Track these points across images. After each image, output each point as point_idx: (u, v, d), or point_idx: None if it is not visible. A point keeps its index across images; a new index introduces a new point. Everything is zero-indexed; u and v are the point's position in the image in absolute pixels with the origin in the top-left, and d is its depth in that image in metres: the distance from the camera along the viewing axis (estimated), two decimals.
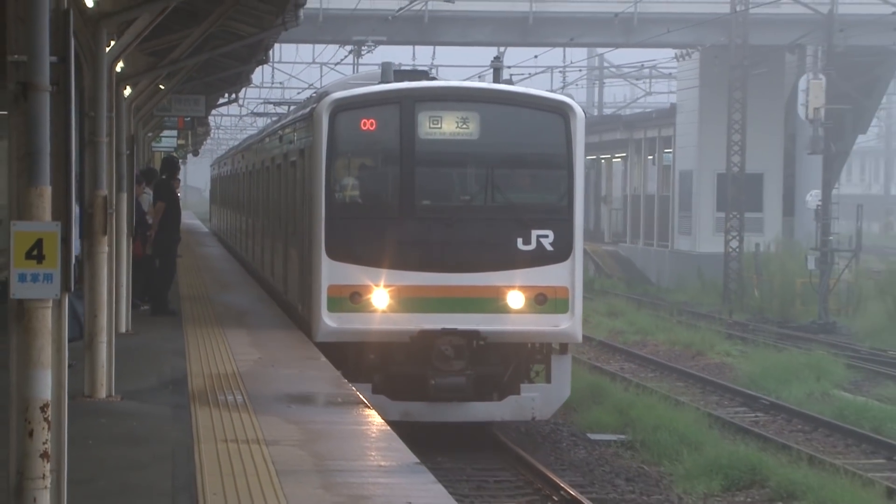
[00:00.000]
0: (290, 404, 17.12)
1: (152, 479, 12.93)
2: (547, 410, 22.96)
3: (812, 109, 50.09)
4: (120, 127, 21.54)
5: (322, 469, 13.36)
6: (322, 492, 12.41)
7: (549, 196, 23.35)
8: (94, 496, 11.55)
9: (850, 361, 36.33)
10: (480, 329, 21.97)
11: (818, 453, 24.16)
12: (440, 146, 22.68)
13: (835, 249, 47.32)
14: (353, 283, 22.13)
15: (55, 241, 9.28)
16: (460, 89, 23.63)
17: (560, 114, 22.61)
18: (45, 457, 9.29)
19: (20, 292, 9.31)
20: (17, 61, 9.40)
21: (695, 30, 51.68)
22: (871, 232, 72.54)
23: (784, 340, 40.93)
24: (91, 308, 17.42)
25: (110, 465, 13.33)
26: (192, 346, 22.44)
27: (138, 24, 18.43)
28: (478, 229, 22.53)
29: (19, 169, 9.44)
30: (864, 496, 20.12)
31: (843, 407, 29.10)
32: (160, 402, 17.16)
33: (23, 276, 9.27)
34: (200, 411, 16.37)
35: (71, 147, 9.69)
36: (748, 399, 30.85)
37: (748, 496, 21.28)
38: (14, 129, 9.51)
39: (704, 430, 23.58)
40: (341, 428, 15.68)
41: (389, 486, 12.75)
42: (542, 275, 22.37)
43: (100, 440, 14.43)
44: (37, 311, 9.35)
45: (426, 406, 21.92)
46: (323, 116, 22.19)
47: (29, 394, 9.29)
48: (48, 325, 9.39)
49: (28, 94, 9.31)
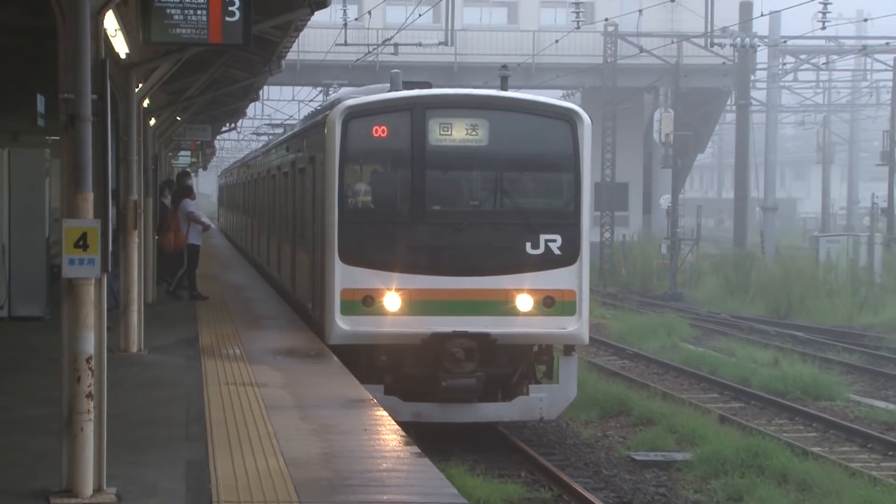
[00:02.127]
0: (275, 356, 17.05)
1: (171, 413, 12.88)
2: (554, 411, 18.25)
3: (664, 135, 50.92)
4: (146, 148, 21.40)
5: (300, 405, 13.32)
6: (299, 422, 12.37)
7: (556, 201, 18.53)
8: (127, 426, 11.46)
9: (693, 322, 36.53)
10: (490, 331, 17.46)
11: (669, 390, 24.25)
12: (450, 152, 18.04)
13: (681, 238, 47.71)
14: (365, 287, 17.49)
15: (96, 234, 9.22)
16: (470, 96, 18.65)
17: (567, 121, 18.04)
18: (89, 397, 9.25)
19: (70, 273, 9.27)
20: (67, 98, 9.34)
21: (577, 76, 52.00)
22: (707, 226, 72.97)
23: (644, 307, 41.05)
24: (125, 285, 17.37)
25: (139, 403, 13.25)
26: (202, 313, 22.32)
27: (160, 71, 18.31)
28: (487, 234, 17.84)
29: (68, 180, 9.40)
30: (702, 420, 20.24)
31: (688, 356, 29.23)
32: (178, 355, 17.07)
33: (72, 260, 9.21)
34: (208, 362, 16.29)
35: (108, 163, 9.61)
36: (618, 350, 30.87)
37: (618, 422, 21.33)
38: (64, 150, 9.48)
39: (586, 374, 23.46)
40: (315, 374, 15.62)
41: (349, 416, 12.71)
42: (551, 278, 17.76)
43: (131, 384, 14.34)
44: (82, 287, 9.29)
45: (437, 407, 17.52)
46: (336, 123, 17.55)
47: (77, 349, 9.24)
48: (91, 298, 9.33)
49: (75, 123, 9.25)
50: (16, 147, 21.82)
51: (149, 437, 11.49)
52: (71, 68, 9.29)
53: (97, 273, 9.29)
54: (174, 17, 12.40)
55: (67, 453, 9.29)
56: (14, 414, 12.55)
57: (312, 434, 11.72)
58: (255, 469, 10.24)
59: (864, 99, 72.04)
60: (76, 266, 9.24)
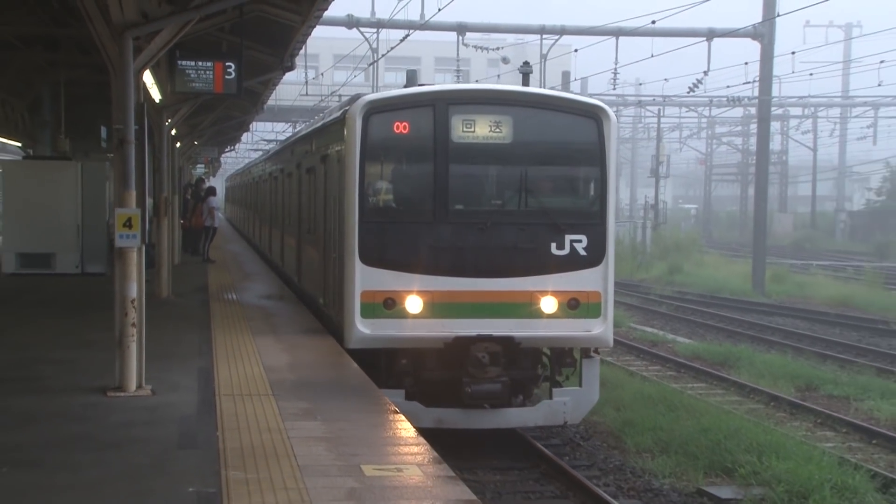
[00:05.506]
0: (260, 299, 16.93)
1: (190, 336, 12.72)
2: (577, 414, 12.25)
3: None
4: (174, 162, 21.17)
5: (275, 332, 13.21)
6: (274, 342, 12.27)
7: (582, 200, 12.20)
8: (160, 344, 11.31)
9: None
10: (514, 334, 11.59)
11: None
12: (473, 149, 11.76)
13: None
14: (386, 289, 11.51)
15: (138, 218, 9.14)
16: (493, 92, 12.16)
17: (593, 117, 11.86)
18: (134, 325, 9.15)
19: (120, 243, 9.14)
20: (118, 128, 9.20)
21: None
22: None
23: None
24: (158, 251, 17.16)
25: (169, 329, 13.09)
26: (210, 271, 22.11)
27: (182, 111, 18.11)
28: (511, 234, 11.70)
29: (118, 182, 9.26)
30: None
31: None
32: (194, 299, 16.86)
33: (121, 235, 9.11)
34: (213, 304, 16.13)
35: (145, 171, 9.47)
36: None
37: None
38: (116, 163, 9.37)
39: None
40: (288, 313, 15.53)
41: (308, 339, 12.62)
42: (576, 280, 11.79)
43: (163, 318, 14.15)
44: (128, 253, 9.17)
45: (460, 413, 11.68)
46: (357, 118, 11.43)
47: (125, 294, 9.13)
48: (134, 260, 9.22)
49: (123, 145, 9.13)
50: (87, 161, 21.87)
51: (174, 352, 11.35)
52: (121, 108, 9.14)
53: (138, 244, 9.18)
54: (191, 75, 12.30)
55: (119, 363, 9.19)
56: (84, 337, 12.36)
57: (282, 350, 11.63)
58: (244, 372, 10.18)
59: (641, 134, 73.20)
60: (124, 239, 9.13)
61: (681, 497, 10.92)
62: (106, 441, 7.47)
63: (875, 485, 11.12)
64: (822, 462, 11.40)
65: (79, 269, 20.18)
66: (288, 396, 9.04)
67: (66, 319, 14.19)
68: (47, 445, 7.32)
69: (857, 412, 15.48)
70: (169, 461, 6.92)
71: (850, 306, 28.98)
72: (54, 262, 20.11)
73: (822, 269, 39.74)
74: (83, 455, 7.06)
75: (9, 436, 7.62)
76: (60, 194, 19.96)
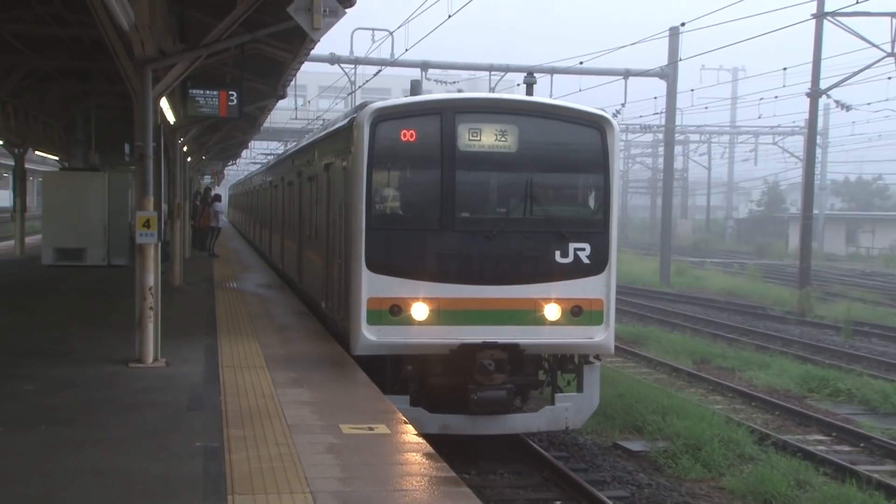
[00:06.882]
0: (257, 287, 16.81)
1: (197, 318, 12.60)
2: (579, 420, 10.35)
3: None
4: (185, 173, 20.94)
5: (269, 315, 13.14)
6: (269, 323, 12.22)
7: (585, 209, 10.28)
8: (172, 325, 11.20)
9: None
10: (519, 341, 9.75)
11: None
12: (480, 158, 9.85)
13: None
14: (392, 296, 9.60)
15: (154, 220, 9.05)
16: (500, 101, 10.12)
17: (597, 127, 10.05)
18: (151, 308, 9.06)
19: (140, 240, 9.05)
20: (138, 145, 9.10)
21: None
22: None
23: None
24: (172, 248, 16.93)
25: (180, 312, 12.92)
26: (216, 265, 21.89)
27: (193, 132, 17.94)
28: (517, 242, 9.82)
29: (138, 190, 9.15)
30: None
31: None
32: (201, 287, 16.68)
33: (141, 234, 9.03)
34: (218, 291, 15.98)
35: (161, 181, 9.42)
36: None
37: None
38: (137, 174, 9.21)
39: None
40: (279, 297, 15.42)
41: (300, 321, 12.58)
42: (579, 287, 9.94)
43: (176, 302, 13.98)
44: (147, 248, 9.06)
45: (465, 419, 9.84)
46: (364, 125, 9.54)
47: (144, 282, 9.04)
48: (152, 254, 9.12)
49: (143, 159, 9.02)
50: (113, 172, 21.82)
51: (184, 331, 11.23)
52: (141, 129, 9.03)
53: (155, 241, 9.09)
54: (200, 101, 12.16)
55: (138, 340, 9.09)
56: (109, 318, 12.19)
57: (275, 331, 11.53)
58: (243, 349, 10.10)
59: None
60: (144, 237, 9.03)
61: (600, 450, 11.04)
62: (128, 404, 7.40)
63: (753, 438, 11.35)
64: (713, 420, 11.61)
65: (106, 262, 20.09)
66: (279, 368, 8.98)
67: (94, 304, 13.99)
68: (79, 407, 7.24)
69: (740, 380, 15.72)
70: (181, 421, 6.88)
71: (736, 295, 29.42)
72: (85, 255, 20.05)
73: (715, 265, 40.26)
74: (109, 416, 7.00)
75: (47, 399, 7.54)
76: (91, 199, 19.98)
